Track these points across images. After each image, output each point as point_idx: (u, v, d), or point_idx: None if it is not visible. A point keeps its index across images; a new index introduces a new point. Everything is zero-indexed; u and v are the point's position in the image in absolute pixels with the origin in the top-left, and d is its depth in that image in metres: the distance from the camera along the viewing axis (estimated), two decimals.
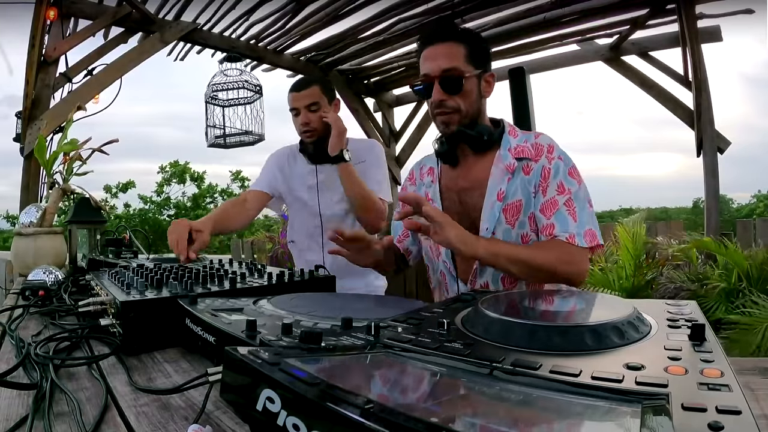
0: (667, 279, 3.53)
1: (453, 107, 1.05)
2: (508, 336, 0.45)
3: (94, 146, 2.04)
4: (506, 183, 1.06)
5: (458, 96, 1.05)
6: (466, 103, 1.06)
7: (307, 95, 1.61)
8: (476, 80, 1.07)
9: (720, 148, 3.57)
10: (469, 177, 1.12)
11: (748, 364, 0.66)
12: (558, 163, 1.05)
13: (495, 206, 1.06)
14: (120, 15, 3.15)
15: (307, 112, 1.62)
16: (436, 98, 1.05)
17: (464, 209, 1.12)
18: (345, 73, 4.73)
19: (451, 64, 1.03)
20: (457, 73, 1.03)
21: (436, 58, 1.05)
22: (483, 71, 1.08)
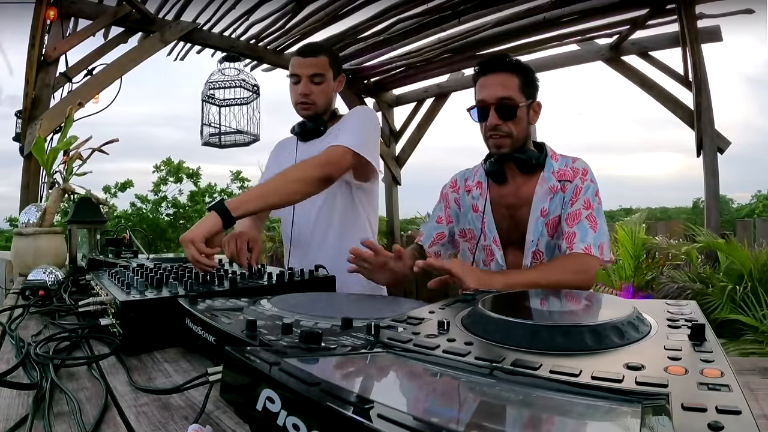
0: (669, 279, 3.53)
1: (506, 132, 1.17)
2: (508, 336, 0.45)
3: (94, 146, 2.04)
4: (548, 201, 1.20)
5: (511, 122, 1.16)
6: (517, 129, 1.17)
7: (314, 64, 1.45)
8: (526, 109, 1.18)
9: (720, 148, 3.57)
10: (517, 194, 1.24)
11: (748, 364, 0.66)
12: (589, 184, 1.20)
13: (539, 222, 1.20)
14: (120, 15, 3.15)
15: (309, 82, 1.46)
16: (492, 123, 1.16)
17: (514, 223, 1.25)
18: (345, 73, 4.73)
19: (506, 93, 1.15)
20: (512, 102, 1.15)
21: (493, 86, 1.16)
22: (532, 101, 1.20)
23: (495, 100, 1.15)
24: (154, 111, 50.78)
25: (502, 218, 1.27)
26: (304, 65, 1.45)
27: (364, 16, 3.58)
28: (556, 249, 1.20)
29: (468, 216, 1.33)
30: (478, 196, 1.30)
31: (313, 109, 1.48)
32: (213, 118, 3.98)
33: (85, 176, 2.03)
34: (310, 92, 1.46)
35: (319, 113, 1.49)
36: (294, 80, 1.47)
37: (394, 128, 5.37)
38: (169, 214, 11.73)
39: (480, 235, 1.29)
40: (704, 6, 3.29)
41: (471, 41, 3.90)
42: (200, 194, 11.93)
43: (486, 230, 1.28)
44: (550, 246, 1.22)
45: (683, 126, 3.76)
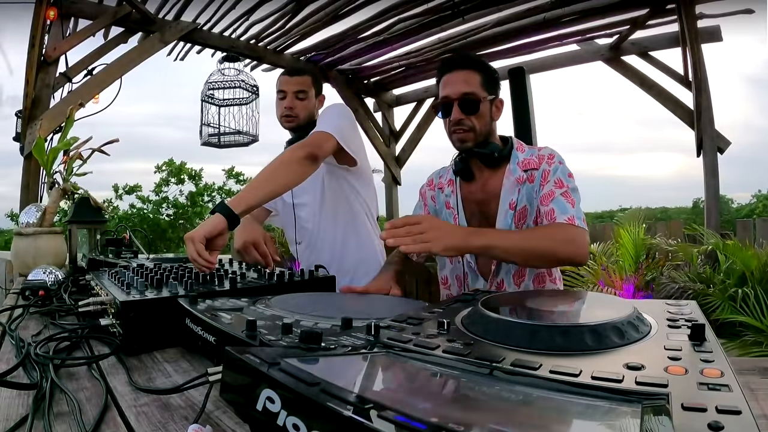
0: (669, 279, 3.53)
1: (469, 126, 1.19)
2: (508, 336, 0.45)
3: (94, 146, 2.04)
4: (516, 193, 1.20)
5: (474, 116, 1.18)
6: (480, 124, 1.19)
7: (299, 81, 1.62)
8: (489, 104, 1.21)
9: (720, 148, 3.57)
10: (485, 190, 1.26)
11: (748, 364, 0.66)
12: (557, 166, 1.19)
13: (507, 214, 1.20)
14: (120, 15, 3.15)
15: (294, 97, 1.62)
16: (456, 117, 1.18)
17: (484, 218, 1.26)
18: (345, 73, 4.73)
19: (469, 89, 1.18)
20: (474, 97, 1.17)
21: (456, 82, 1.19)
22: (494, 97, 1.22)
23: (458, 95, 1.18)
24: (154, 111, 50.80)
25: (473, 214, 1.29)
26: (290, 83, 1.62)
27: (364, 16, 3.59)
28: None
29: (442, 214, 1.35)
30: (450, 194, 1.33)
31: (296, 122, 1.62)
32: (212, 119, 3.98)
33: (85, 176, 2.03)
34: (294, 106, 1.61)
35: (302, 125, 1.62)
36: (280, 96, 1.64)
37: (394, 128, 5.37)
38: (170, 214, 11.73)
39: None
40: (704, 6, 3.29)
41: (471, 41, 3.90)
42: (198, 194, 11.94)
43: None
44: None
45: (683, 126, 3.76)
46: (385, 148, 5.22)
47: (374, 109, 5.31)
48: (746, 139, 55.64)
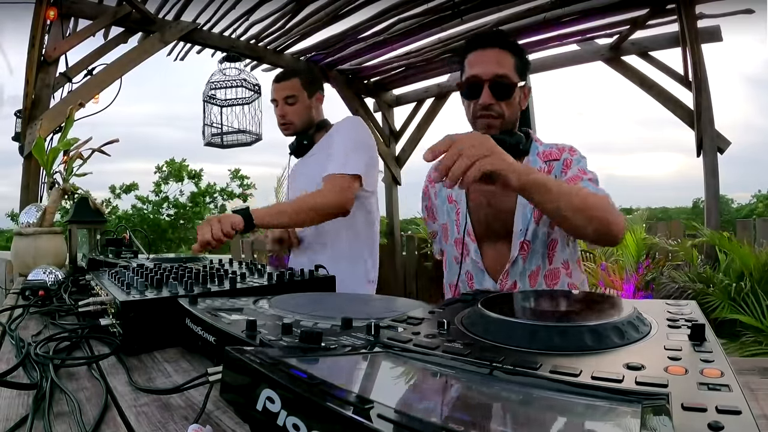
0: (669, 279, 3.53)
1: (499, 112, 1.08)
2: (508, 336, 0.45)
3: (94, 146, 2.04)
4: None
5: (505, 102, 1.07)
6: (509, 111, 1.09)
7: (286, 87, 1.58)
8: (519, 90, 1.10)
9: (720, 148, 3.57)
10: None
11: (748, 364, 0.66)
12: (579, 158, 1.12)
13: (527, 208, 1.11)
14: (120, 15, 3.15)
15: (284, 104, 1.58)
16: (486, 101, 1.06)
17: (493, 210, 1.15)
18: (345, 73, 4.73)
19: (502, 70, 1.06)
20: (508, 80, 1.06)
21: (488, 62, 1.07)
22: (524, 84, 1.13)
23: (490, 76, 1.05)
24: (154, 111, 50.86)
25: (479, 207, 1.16)
26: (278, 89, 1.59)
27: (364, 16, 3.58)
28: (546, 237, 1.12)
29: (444, 208, 1.24)
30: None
31: (292, 129, 1.61)
32: (215, 118, 3.98)
33: (85, 176, 2.03)
34: (285, 113, 1.59)
35: (299, 131, 1.61)
36: (274, 104, 1.62)
37: (394, 128, 5.37)
38: (170, 214, 11.73)
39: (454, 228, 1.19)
40: (704, 6, 3.29)
41: None
42: (200, 194, 11.94)
43: (460, 221, 1.17)
44: (536, 233, 1.12)
45: (683, 126, 3.76)
46: (385, 148, 5.22)
47: (374, 109, 5.31)
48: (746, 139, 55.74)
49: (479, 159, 0.74)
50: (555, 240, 1.14)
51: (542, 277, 1.13)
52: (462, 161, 0.74)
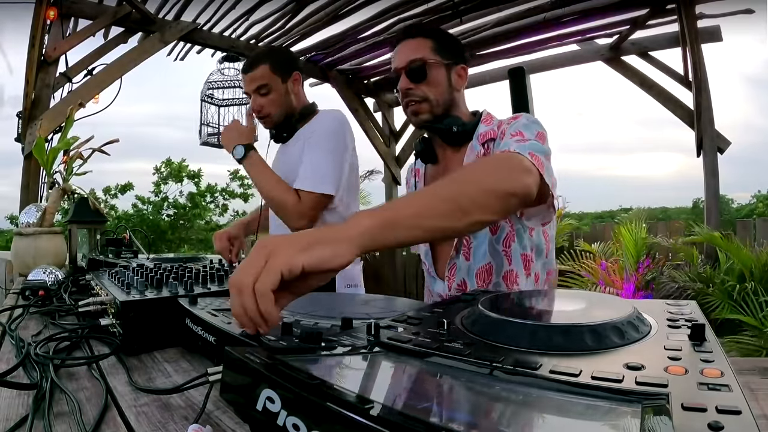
0: (669, 278, 3.53)
1: (420, 96, 1.05)
2: (508, 336, 0.45)
3: (94, 146, 2.04)
4: None
5: (424, 84, 1.04)
6: (434, 93, 1.05)
7: (254, 77, 1.42)
8: (444, 70, 1.06)
9: (720, 148, 3.57)
10: (448, 172, 0.99)
11: (748, 364, 0.66)
12: (517, 122, 0.97)
13: None
14: (120, 15, 3.15)
15: (258, 96, 1.43)
16: (403, 86, 1.05)
17: None
18: (345, 73, 4.73)
19: (416, 55, 1.05)
20: (421, 62, 1.04)
21: (404, 51, 1.07)
22: (453, 63, 1.07)
23: (405, 63, 1.05)
24: (154, 111, 50.92)
25: None
26: (247, 81, 1.43)
27: (364, 16, 3.59)
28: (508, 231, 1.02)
29: None
30: (414, 185, 1.20)
31: (271, 121, 1.47)
32: (212, 118, 3.98)
33: (85, 176, 2.03)
34: (261, 106, 1.44)
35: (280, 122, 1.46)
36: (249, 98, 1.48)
37: (394, 128, 5.37)
38: (169, 215, 11.73)
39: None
40: (704, 6, 3.29)
41: (471, 41, 3.91)
42: (200, 195, 11.93)
43: None
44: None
45: (683, 126, 3.76)
46: (385, 148, 5.22)
47: (374, 109, 5.31)
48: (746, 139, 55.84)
49: (259, 277, 0.47)
50: (508, 234, 1.02)
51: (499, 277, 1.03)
52: (246, 300, 0.47)
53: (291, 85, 1.45)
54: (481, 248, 1.04)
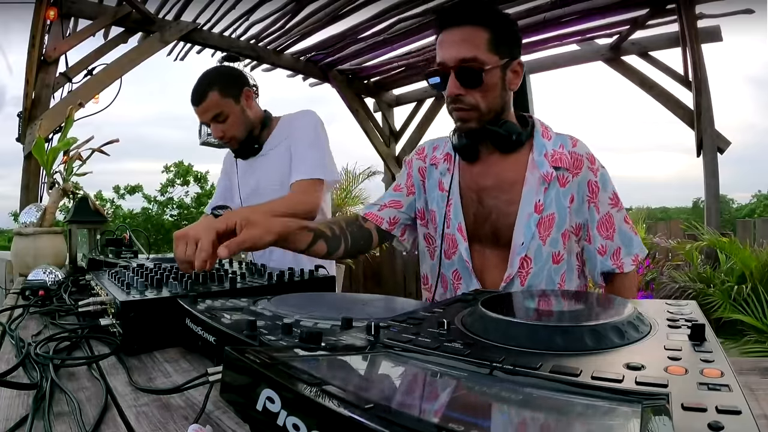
0: (669, 279, 3.53)
1: (471, 104, 0.92)
2: (508, 336, 0.45)
3: (95, 146, 2.04)
4: (543, 193, 0.96)
5: (477, 91, 0.91)
6: (486, 100, 0.92)
7: (205, 109, 1.39)
8: (500, 72, 0.92)
9: (720, 148, 3.57)
10: (494, 176, 0.99)
11: (748, 364, 0.66)
12: (603, 174, 0.99)
13: (531, 219, 0.95)
14: (120, 15, 3.15)
15: (216, 123, 1.41)
16: (452, 92, 0.91)
17: (485, 211, 1.00)
18: (345, 73, 4.73)
19: (469, 53, 0.89)
20: (477, 65, 0.89)
21: (453, 44, 0.91)
22: (510, 59, 0.93)
23: (455, 62, 0.89)
24: (154, 111, 50.96)
25: (471, 203, 1.01)
26: (202, 113, 1.41)
27: (364, 16, 3.59)
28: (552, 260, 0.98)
29: (433, 193, 1.07)
30: (445, 171, 1.05)
31: (236, 142, 1.47)
32: None
33: (86, 176, 2.03)
34: (223, 133, 1.43)
35: (244, 140, 1.46)
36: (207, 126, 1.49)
37: (394, 128, 5.37)
38: (173, 215, 11.80)
39: (443, 220, 1.03)
40: (704, 6, 3.29)
41: None
42: (204, 196, 12.06)
43: (451, 214, 1.02)
44: (541, 254, 0.97)
45: (683, 126, 3.76)
46: (385, 148, 5.22)
47: (374, 109, 5.31)
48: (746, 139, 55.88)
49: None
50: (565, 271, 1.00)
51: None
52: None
53: (244, 102, 1.43)
54: (539, 276, 0.98)
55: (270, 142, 1.50)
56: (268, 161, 1.50)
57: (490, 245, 1.01)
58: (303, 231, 0.93)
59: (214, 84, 1.39)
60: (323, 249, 0.98)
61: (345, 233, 1.03)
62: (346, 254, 1.04)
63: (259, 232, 0.78)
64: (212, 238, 0.72)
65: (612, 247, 0.99)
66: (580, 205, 0.98)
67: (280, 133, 1.49)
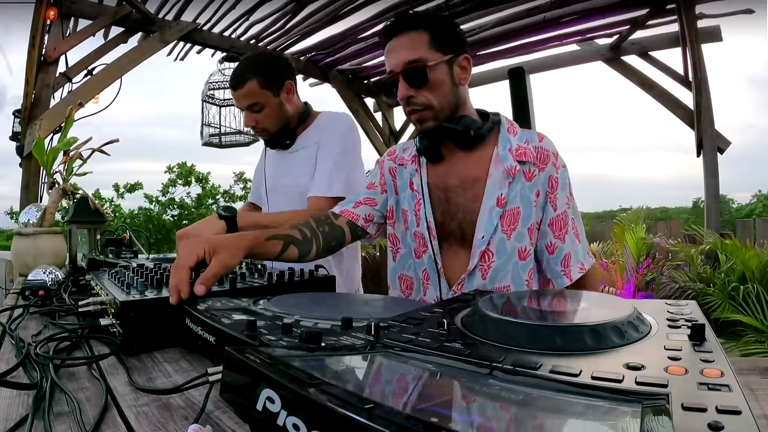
0: (669, 279, 3.53)
1: (423, 103, 0.95)
2: (508, 336, 0.45)
3: (95, 146, 2.04)
4: (507, 187, 0.97)
5: (426, 90, 0.94)
6: (437, 97, 0.95)
7: (244, 95, 1.35)
8: (446, 68, 0.95)
9: (720, 148, 3.58)
10: (458, 174, 1.01)
11: (748, 364, 0.66)
12: (564, 173, 1.01)
13: (493, 212, 0.97)
14: (120, 15, 3.16)
15: (250, 113, 1.38)
16: (403, 94, 0.94)
17: (452, 210, 1.02)
18: (345, 73, 4.74)
19: (413, 55, 0.92)
20: (421, 64, 0.92)
21: (398, 50, 0.95)
22: (455, 55, 0.96)
23: (401, 66, 0.93)
24: (154, 111, 50.99)
25: (439, 202, 1.03)
26: (238, 98, 1.38)
27: (364, 16, 3.59)
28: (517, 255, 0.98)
29: (405, 193, 1.09)
30: (414, 172, 1.07)
31: (267, 134, 1.43)
32: (213, 119, 3.98)
33: (86, 176, 2.04)
34: (256, 123, 1.39)
35: (277, 132, 1.43)
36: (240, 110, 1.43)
37: (394, 128, 5.37)
38: (174, 215, 11.82)
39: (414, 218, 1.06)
40: (704, 6, 3.29)
41: (471, 41, 3.91)
42: (205, 196, 12.07)
43: (420, 213, 1.04)
44: (505, 248, 0.97)
45: (683, 126, 3.76)
46: (385, 148, 5.21)
47: (374, 109, 5.31)
48: (746, 139, 55.90)
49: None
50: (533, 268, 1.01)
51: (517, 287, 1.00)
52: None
53: (284, 95, 1.39)
54: (504, 270, 0.98)
55: (302, 140, 1.46)
56: (295, 160, 1.45)
57: (457, 243, 1.02)
58: (272, 240, 0.94)
59: (256, 73, 1.35)
60: (295, 254, 0.98)
61: (316, 234, 1.03)
62: (318, 256, 1.04)
63: (227, 254, 0.79)
64: (186, 277, 0.74)
65: (562, 250, 0.99)
66: (544, 200, 0.99)
67: (314, 133, 1.44)
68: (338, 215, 1.09)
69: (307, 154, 1.42)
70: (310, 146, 1.43)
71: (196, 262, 0.76)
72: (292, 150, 1.48)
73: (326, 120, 1.46)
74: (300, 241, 0.99)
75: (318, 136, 1.42)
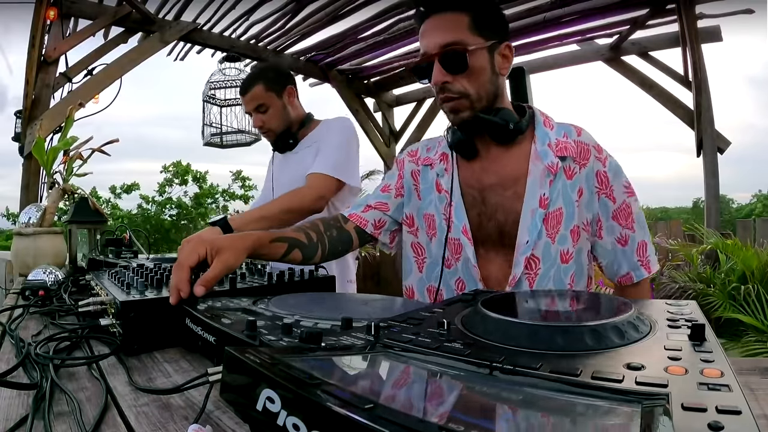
0: (669, 279, 3.53)
1: (459, 91, 0.87)
2: (508, 336, 0.45)
3: (95, 146, 2.04)
4: (548, 186, 0.89)
5: (463, 76, 0.86)
6: (475, 85, 0.87)
7: (251, 98, 1.54)
8: (487, 54, 0.87)
9: (720, 148, 3.58)
10: (496, 171, 0.93)
11: (748, 364, 0.66)
12: (613, 162, 0.93)
13: (537, 214, 0.89)
14: (120, 15, 3.16)
15: (257, 114, 1.56)
16: (438, 80, 0.87)
17: (489, 210, 0.93)
18: (345, 73, 4.74)
19: (452, 37, 0.85)
20: (460, 48, 0.84)
21: (435, 31, 0.87)
22: (497, 42, 0.88)
23: (438, 48, 0.85)
24: (154, 111, 51.05)
25: (474, 203, 0.95)
26: (245, 102, 1.56)
27: (364, 16, 3.59)
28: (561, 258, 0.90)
29: (430, 196, 1.00)
30: (442, 172, 0.98)
31: (272, 135, 1.60)
32: (214, 118, 3.99)
33: (86, 176, 2.04)
34: (262, 123, 1.57)
35: (282, 133, 1.59)
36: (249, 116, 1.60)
37: (394, 128, 5.37)
38: (172, 215, 11.80)
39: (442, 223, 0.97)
40: (704, 6, 3.29)
41: None
42: (203, 196, 12.04)
43: (453, 216, 0.95)
44: (549, 253, 0.90)
45: (683, 126, 3.76)
46: (385, 148, 5.22)
47: (374, 109, 5.31)
48: (746, 139, 55.96)
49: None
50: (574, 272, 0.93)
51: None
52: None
53: (287, 98, 1.57)
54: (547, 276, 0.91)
55: (304, 142, 1.61)
56: (298, 159, 1.59)
57: (495, 247, 0.94)
58: (276, 242, 0.91)
59: (261, 78, 1.55)
60: (298, 257, 0.95)
61: (323, 238, 0.99)
62: (324, 260, 1.01)
63: (229, 255, 0.78)
64: (186, 277, 0.73)
65: (635, 239, 0.93)
66: (590, 198, 0.92)
67: (315, 134, 1.59)
68: (347, 219, 1.05)
69: (308, 152, 1.55)
70: (312, 145, 1.56)
71: (197, 262, 0.76)
72: (294, 151, 1.62)
73: (327, 123, 1.61)
74: (305, 245, 0.96)
75: (319, 135, 1.57)
